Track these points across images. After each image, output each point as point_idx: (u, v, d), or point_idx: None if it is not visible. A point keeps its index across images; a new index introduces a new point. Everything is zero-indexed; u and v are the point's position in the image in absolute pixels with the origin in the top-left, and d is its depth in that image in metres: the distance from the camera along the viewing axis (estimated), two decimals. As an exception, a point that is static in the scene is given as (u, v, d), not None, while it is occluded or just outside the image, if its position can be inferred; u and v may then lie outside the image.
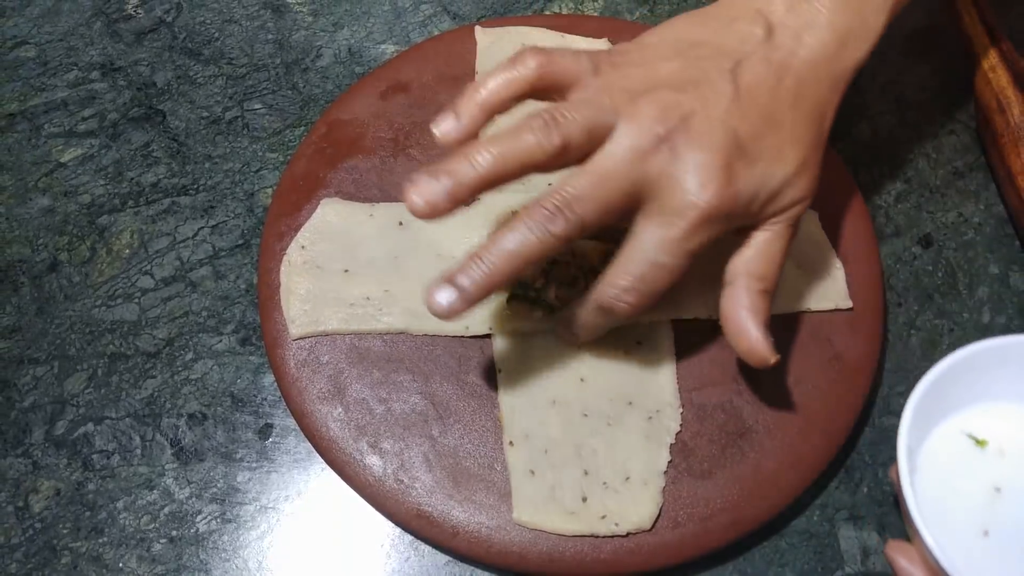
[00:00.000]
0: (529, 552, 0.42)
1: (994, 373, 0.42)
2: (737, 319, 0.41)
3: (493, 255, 0.38)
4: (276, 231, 0.49)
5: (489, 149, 0.38)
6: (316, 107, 0.56)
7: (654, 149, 0.38)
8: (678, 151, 0.38)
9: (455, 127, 0.39)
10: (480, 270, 0.38)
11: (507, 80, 0.39)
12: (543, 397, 0.45)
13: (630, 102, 0.39)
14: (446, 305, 0.38)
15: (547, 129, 0.38)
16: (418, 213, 0.38)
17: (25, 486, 0.46)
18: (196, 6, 0.60)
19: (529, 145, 0.38)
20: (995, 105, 0.53)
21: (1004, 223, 0.54)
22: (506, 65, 0.40)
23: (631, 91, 0.39)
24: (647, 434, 0.44)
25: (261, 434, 0.47)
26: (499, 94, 0.39)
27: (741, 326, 0.41)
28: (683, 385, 0.46)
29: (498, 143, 0.38)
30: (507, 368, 0.46)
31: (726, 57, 0.40)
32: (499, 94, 0.39)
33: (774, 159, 0.40)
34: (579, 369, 0.46)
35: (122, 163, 0.55)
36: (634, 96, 0.39)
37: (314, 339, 0.46)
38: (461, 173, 0.37)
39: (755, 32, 0.41)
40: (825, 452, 0.44)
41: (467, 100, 0.39)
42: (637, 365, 0.46)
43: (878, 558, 0.45)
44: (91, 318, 0.50)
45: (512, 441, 0.44)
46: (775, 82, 0.40)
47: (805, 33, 0.41)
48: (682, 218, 0.38)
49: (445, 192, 0.37)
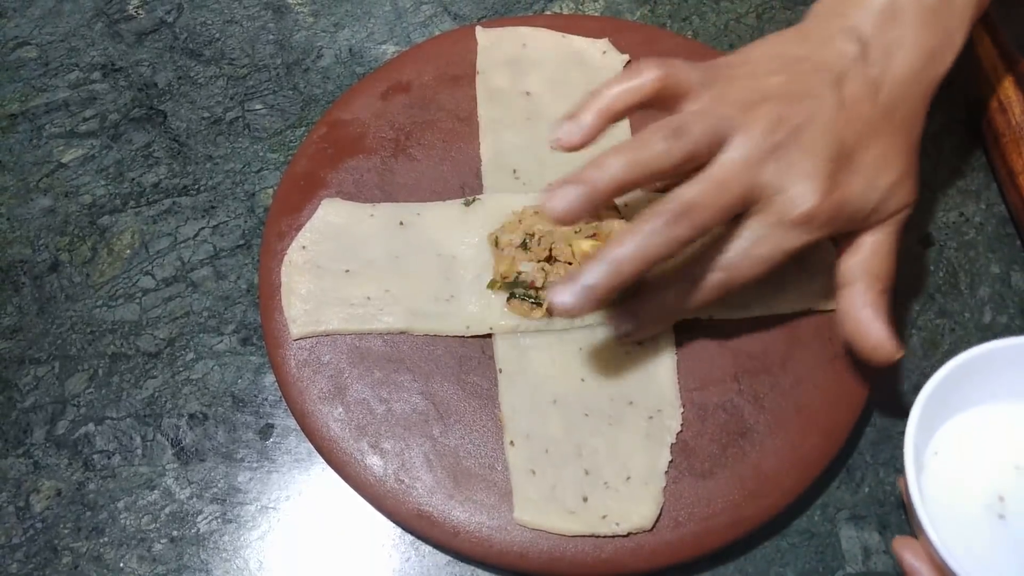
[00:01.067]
0: (530, 552, 0.42)
1: (1001, 374, 0.43)
2: (860, 317, 0.43)
3: (617, 257, 0.40)
4: (277, 231, 0.49)
5: (620, 157, 0.40)
6: (317, 107, 0.56)
7: (767, 158, 0.40)
8: (791, 159, 0.40)
9: (576, 131, 0.41)
10: (603, 271, 0.40)
11: (628, 89, 0.41)
12: (544, 397, 0.45)
13: (744, 112, 0.41)
14: (570, 303, 0.40)
15: (675, 138, 0.40)
16: (557, 218, 0.40)
17: (26, 486, 0.46)
18: (197, 7, 0.60)
19: (658, 153, 0.40)
20: (996, 105, 0.53)
21: (1005, 223, 0.54)
22: (627, 75, 0.42)
23: (744, 103, 0.41)
24: (648, 434, 0.44)
25: (262, 434, 0.47)
26: (620, 102, 0.41)
27: (865, 324, 0.42)
28: (684, 385, 0.46)
29: (628, 151, 0.40)
30: (508, 368, 0.46)
31: (828, 71, 0.42)
32: (620, 102, 0.41)
33: (879, 167, 0.42)
34: (580, 369, 0.46)
35: (123, 163, 0.55)
36: (747, 108, 0.41)
37: (315, 339, 0.46)
38: (596, 179, 0.39)
39: (850, 49, 0.43)
40: (826, 452, 0.44)
41: (588, 107, 0.41)
42: (638, 365, 0.46)
43: (879, 558, 0.44)
44: (92, 318, 0.50)
45: (513, 441, 0.44)
46: (873, 96, 0.42)
47: (895, 51, 0.43)
48: (785, 217, 0.41)
49: (581, 197, 0.39)
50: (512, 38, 0.55)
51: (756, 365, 0.46)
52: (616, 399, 0.45)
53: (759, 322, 0.47)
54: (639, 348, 0.46)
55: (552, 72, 0.54)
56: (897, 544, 0.41)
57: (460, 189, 0.51)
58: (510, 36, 0.55)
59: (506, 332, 0.46)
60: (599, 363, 0.46)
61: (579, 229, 0.46)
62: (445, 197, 0.50)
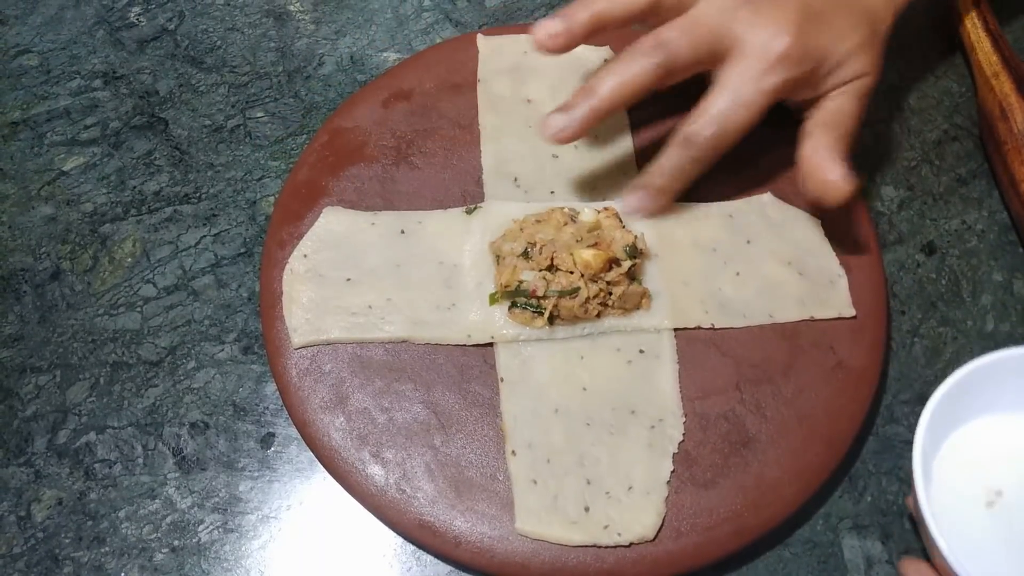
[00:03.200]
0: (532, 563, 0.42)
1: (1006, 383, 0.42)
2: (815, 157, 0.46)
3: (601, 84, 0.44)
4: (278, 239, 0.49)
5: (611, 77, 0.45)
6: (318, 115, 0.56)
7: (740, 6, 0.45)
8: (760, 9, 0.45)
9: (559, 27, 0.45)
10: (591, 98, 0.44)
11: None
12: (546, 406, 0.45)
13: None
14: (560, 127, 0.45)
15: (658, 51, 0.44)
16: (556, 140, 0.45)
17: (27, 495, 0.46)
18: (198, 14, 0.60)
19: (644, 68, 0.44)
20: (998, 112, 0.53)
21: (1007, 230, 0.53)
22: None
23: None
24: (649, 443, 0.44)
25: (263, 443, 0.47)
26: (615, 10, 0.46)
27: (820, 162, 0.46)
28: (686, 394, 0.46)
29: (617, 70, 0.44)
30: (509, 377, 0.46)
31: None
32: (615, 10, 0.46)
33: (843, 32, 0.46)
34: (581, 378, 0.46)
35: (124, 171, 0.55)
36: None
37: (316, 348, 0.46)
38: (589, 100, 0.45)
39: None
40: (828, 461, 0.44)
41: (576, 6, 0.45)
42: (639, 374, 0.46)
43: (882, 568, 0.44)
44: (93, 327, 0.50)
45: (514, 450, 0.44)
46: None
47: None
48: (761, 59, 0.44)
49: (579, 118, 0.45)
50: (513, 46, 0.55)
51: (758, 374, 0.46)
52: (618, 408, 0.45)
53: (760, 331, 0.47)
54: (641, 357, 0.46)
55: (553, 80, 0.54)
56: (904, 566, 0.41)
57: (461, 197, 0.51)
58: (511, 44, 0.55)
59: (508, 341, 0.46)
60: (601, 372, 0.46)
61: (580, 238, 0.46)
62: (446, 205, 0.50)
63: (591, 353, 0.46)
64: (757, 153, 0.50)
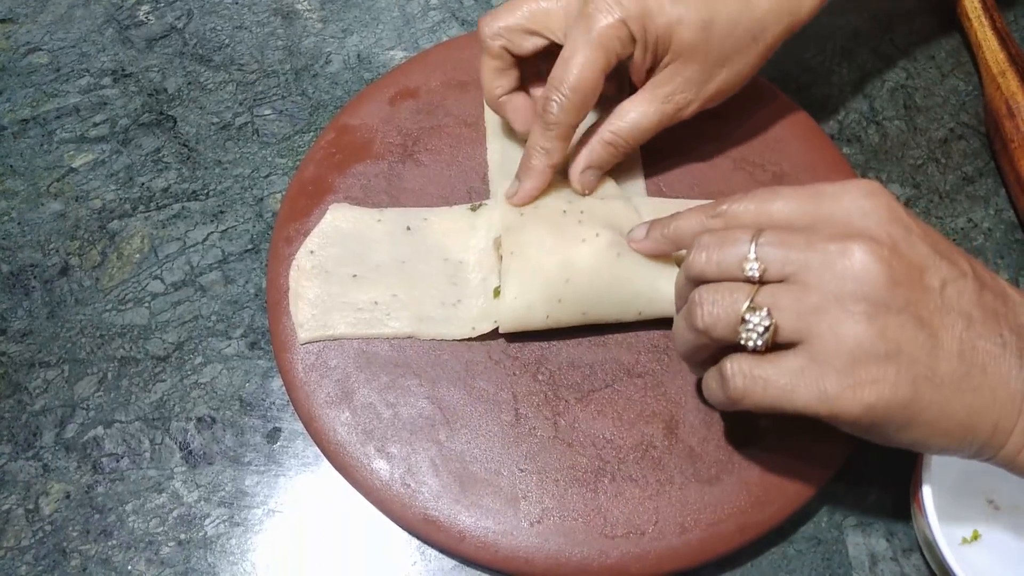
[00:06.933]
0: (535, 557, 0.42)
1: None
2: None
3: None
4: (285, 236, 0.49)
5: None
6: (325, 113, 0.57)
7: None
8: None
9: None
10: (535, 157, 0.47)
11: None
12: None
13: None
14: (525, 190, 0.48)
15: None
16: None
17: (35, 489, 0.46)
18: (207, 13, 0.61)
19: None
20: (1005, 110, 0.53)
21: (1014, 228, 0.53)
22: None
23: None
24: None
25: (269, 438, 0.47)
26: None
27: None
28: (690, 391, 0.46)
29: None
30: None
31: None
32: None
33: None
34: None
35: (133, 168, 0.55)
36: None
37: (322, 343, 0.46)
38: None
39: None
40: (833, 458, 0.44)
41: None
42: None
43: (886, 564, 0.44)
44: (101, 322, 0.50)
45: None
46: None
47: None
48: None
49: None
50: (519, 44, 0.55)
51: (763, 371, 0.46)
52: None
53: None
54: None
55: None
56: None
57: (467, 194, 0.51)
58: (517, 42, 0.55)
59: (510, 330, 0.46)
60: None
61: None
62: (452, 202, 0.51)
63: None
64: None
